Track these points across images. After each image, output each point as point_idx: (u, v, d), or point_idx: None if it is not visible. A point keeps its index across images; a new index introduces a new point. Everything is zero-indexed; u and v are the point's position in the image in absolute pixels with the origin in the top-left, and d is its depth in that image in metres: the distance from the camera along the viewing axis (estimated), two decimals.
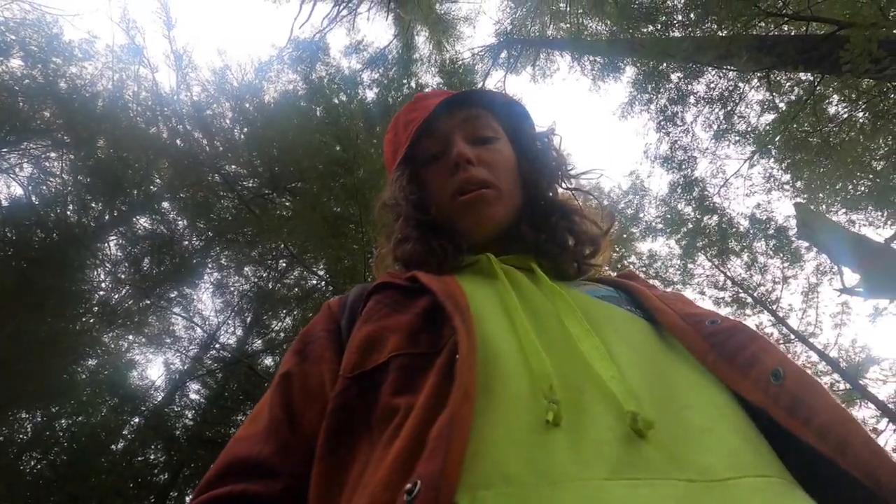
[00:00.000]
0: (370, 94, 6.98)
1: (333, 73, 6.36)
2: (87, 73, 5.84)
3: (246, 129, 5.68)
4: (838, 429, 0.36)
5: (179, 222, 6.18)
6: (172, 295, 6.20)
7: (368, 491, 0.35)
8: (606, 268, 0.78)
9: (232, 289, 6.82)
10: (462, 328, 0.43)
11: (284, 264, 6.62)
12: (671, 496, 0.33)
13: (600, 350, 0.44)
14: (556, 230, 0.68)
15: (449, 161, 0.68)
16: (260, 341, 6.99)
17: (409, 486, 0.32)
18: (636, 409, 0.37)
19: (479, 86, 8.59)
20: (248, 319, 7.21)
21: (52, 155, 5.64)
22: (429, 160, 0.71)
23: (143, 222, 6.18)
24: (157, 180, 6.13)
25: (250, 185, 6.32)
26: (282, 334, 6.69)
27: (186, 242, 6.34)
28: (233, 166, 6.18)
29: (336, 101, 5.73)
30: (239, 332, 7.21)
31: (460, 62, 8.32)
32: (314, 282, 6.20)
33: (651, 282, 0.72)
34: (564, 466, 0.34)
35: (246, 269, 6.78)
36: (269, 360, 6.62)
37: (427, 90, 6.61)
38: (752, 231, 6.69)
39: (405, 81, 7.49)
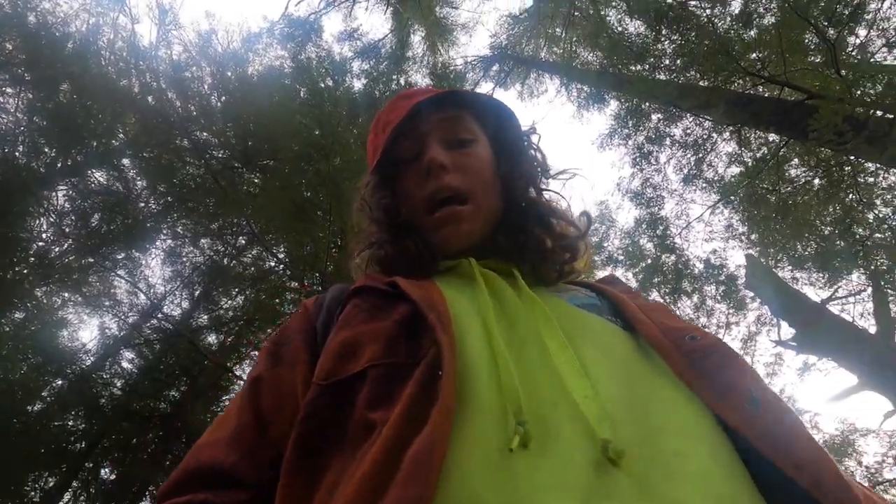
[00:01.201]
0: (357, 84, 6.89)
1: (323, 56, 6.25)
2: (61, 11, 5.51)
3: (224, 98, 5.49)
4: (812, 467, 0.36)
5: (138, 182, 5.89)
6: (119, 257, 5.89)
7: None
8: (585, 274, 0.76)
9: (184, 259, 6.54)
10: (445, 342, 0.41)
11: (244, 241, 6.41)
12: None
13: (575, 366, 0.42)
14: (533, 235, 0.66)
15: (422, 166, 0.66)
16: (206, 317, 6.72)
17: None
18: (609, 435, 0.35)
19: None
20: (197, 293, 6.92)
21: (9, 91, 5.28)
22: (405, 161, 0.70)
23: (98, 176, 5.85)
24: (121, 135, 5.82)
25: (220, 155, 6.09)
26: (230, 312, 6.47)
27: (143, 205, 6.05)
28: (204, 134, 5.94)
29: (322, 85, 5.62)
30: (185, 304, 6.92)
31: (452, 68, 8.35)
32: (272, 264, 6.03)
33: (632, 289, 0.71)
34: (534, 494, 0.32)
35: (203, 240, 6.52)
36: (212, 338, 6.38)
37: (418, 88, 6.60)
38: (704, 275, 6.98)
39: (395, 77, 7.44)
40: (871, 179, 4.96)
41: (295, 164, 3.86)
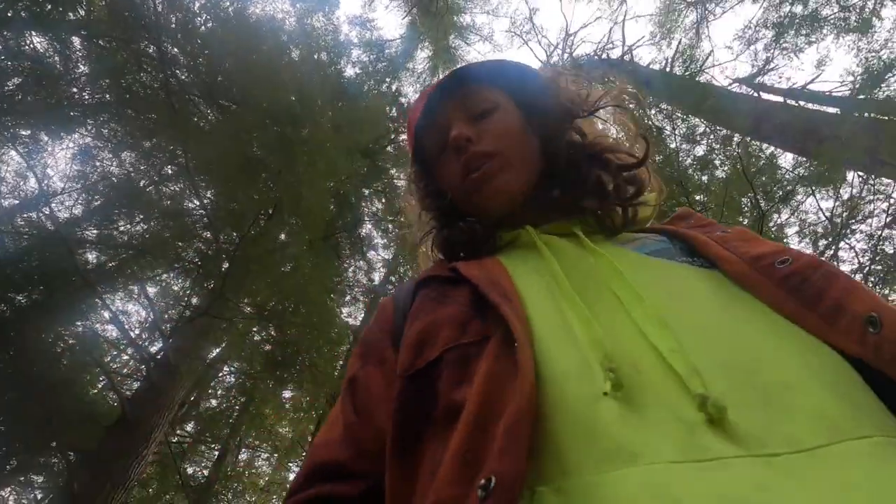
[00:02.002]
0: (350, 71, 6.82)
1: (329, 30, 6.14)
2: None
3: (211, 24, 5.17)
4: None
5: (81, 67, 5.32)
6: (23, 133, 5.22)
7: (437, 486, 0.35)
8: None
9: (98, 164, 5.92)
10: (511, 314, 0.42)
11: (170, 172, 5.94)
12: (749, 478, 0.29)
13: (654, 319, 0.40)
14: (589, 179, 0.63)
15: (450, 149, 0.67)
16: (95, 233, 6.06)
17: (482, 481, 0.31)
18: (703, 389, 0.33)
19: None
20: (96, 204, 6.25)
21: None
22: (437, 153, 0.71)
23: (37, 41, 5.22)
24: (82, 11, 5.27)
25: (183, 77, 5.68)
26: (125, 237, 5.88)
27: (75, 91, 5.45)
28: (175, 49, 5.54)
29: (316, 57, 5.49)
30: (77, 211, 6.21)
31: None
32: (192, 205, 5.62)
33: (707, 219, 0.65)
34: (625, 449, 0.31)
35: (126, 153, 5.96)
36: (93, 256, 5.74)
37: (406, 100, 6.53)
38: None
39: (388, 80, 7.45)
40: None
41: (259, 119, 3.69)
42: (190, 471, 6.21)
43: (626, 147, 0.68)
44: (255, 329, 5.48)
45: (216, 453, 6.61)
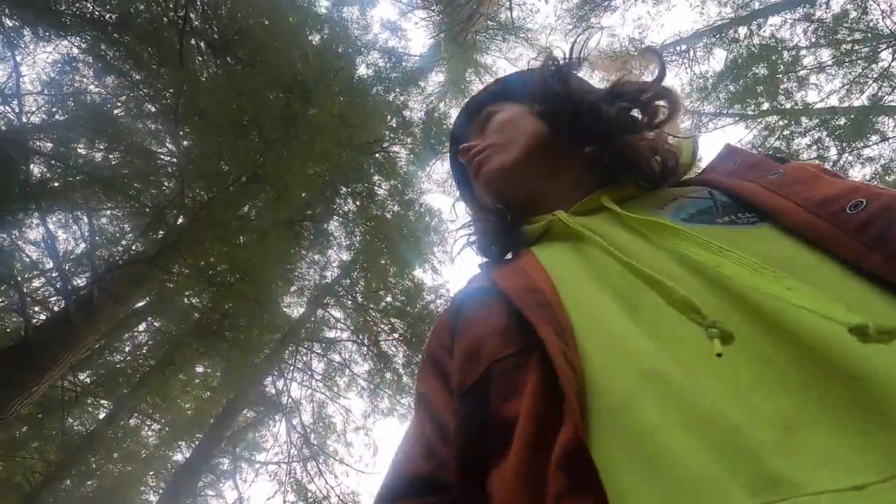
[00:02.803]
0: (363, 70, 6.84)
1: (356, 27, 6.17)
2: None
3: None
4: None
5: None
6: (7, 23, 4.87)
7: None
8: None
9: (77, 80, 5.56)
10: (550, 334, 0.38)
11: (153, 109, 5.66)
12: None
13: (755, 266, 0.34)
14: (609, 116, 0.59)
15: (465, 163, 0.74)
16: (49, 147, 5.63)
17: None
18: (849, 318, 0.27)
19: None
20: (57, 116, 5.84)
21: None
22: (465, 180, 0.80)
23: None
24: None
25: (195, 23, 5.51)
26: (80, 161, 5.48)
27: (75, 5, 5.16)
28: None
29: (335, 47, 5.49)
30: (35, 119, 5.77)
31: (444, 125, 8.67)
32: (162, 150, 5.35)
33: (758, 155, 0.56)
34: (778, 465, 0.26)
35: (111, 77, 5.65)
36: (38, 170, 5.31)
37: (409, 114, 6.54)
38: None
39: (396, 90, 7.52)
40: None
41: (267, 83, 3.61)
42: (69, 422, 5.68)
43: (635, 76, 0.64)
44: (189, 292, 5.20)
45: (104, 411, 6.10)
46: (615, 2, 8.37)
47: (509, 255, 0.67)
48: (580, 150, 0.63)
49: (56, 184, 5.47)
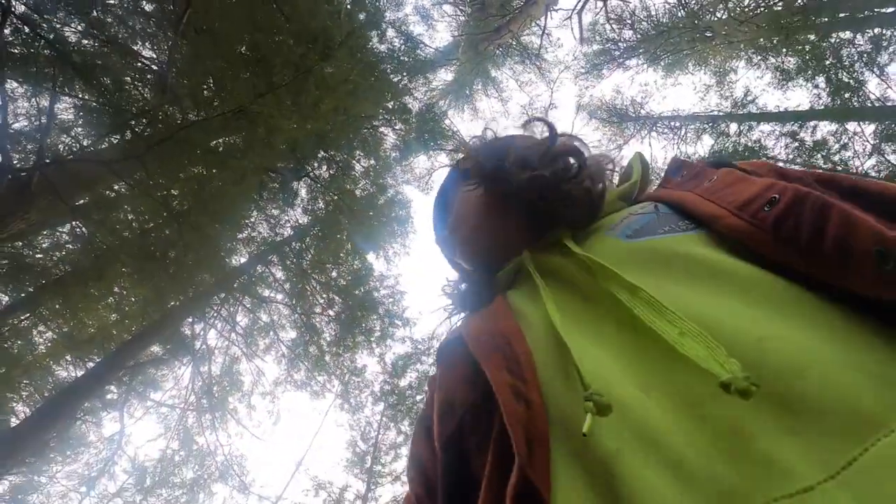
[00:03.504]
0: (380, 46, 6.72)
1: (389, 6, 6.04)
2: None
3: None
4: None
5: None
6: None
7: None
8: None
9: None
10: (496, 371, 0.41)
11: (150, 8, 5.26)
12: None
13: (655, 306, 0.37)
14: (558, 196, 0.60)
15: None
16: (22, 10, 5.09)
17: None
18: (724, 371, 0.29)
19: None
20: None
21: None
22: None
23: None
24: None
25: None
26: (59, 29, 4.99)
27: None
28: None
29: (361, 12, 5.36)
30: None
31: (439, 122, 8.65)
32: (148, 53, 4.98)
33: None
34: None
35: None
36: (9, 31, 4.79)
37: (409, 100, 6.43)
38: None
39: (402, 75, 7.44)
40: None
41: (290, 26, 3.45)
42: None
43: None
44: (132, 208, 4.86)
45: None
46: (629, 62, 8.73)
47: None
48: (519, 200, 0.64)
49: (17, 50, 4.98)
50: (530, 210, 0.63)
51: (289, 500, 9.85)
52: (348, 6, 4.48)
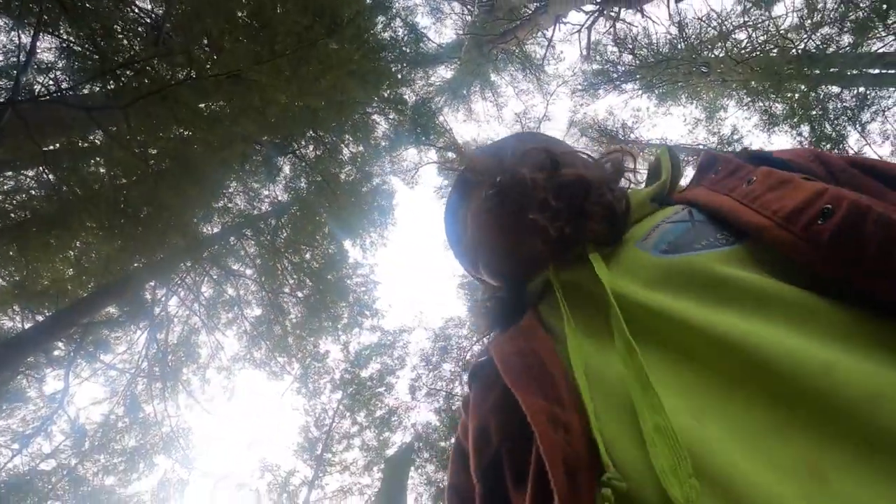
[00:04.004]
0: (384, 33, 6.65)
1: None
2: None
3: None
4: None
5: None
6: None
7: None
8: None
9: None
10: (530, 397, 0.38)
11: None
12: None
13: (640, 377, 0.34)
14: (570, 206, 0.55)
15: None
16: None
17: None
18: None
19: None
20: None
21: None
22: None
23: None
24: None
25: None
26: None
27: None
28: None
29: None
30: None
31: (433, 117, 8.62)
32: (142, 4, 4.78)
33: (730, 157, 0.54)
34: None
35: None
36: None
37: (405, 91, 6.36)
38: None
39: (404, 66, 7.38)
40: None
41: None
42: None
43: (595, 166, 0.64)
44: (103, 158, 4.66)
45: None
46: (625, 86, 8.88)
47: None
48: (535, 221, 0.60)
49: None
50: (553, 227, 0.57)
51: (232, 479, 9.63)
52: None
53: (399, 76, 7.21)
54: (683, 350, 0.36)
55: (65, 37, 4.18)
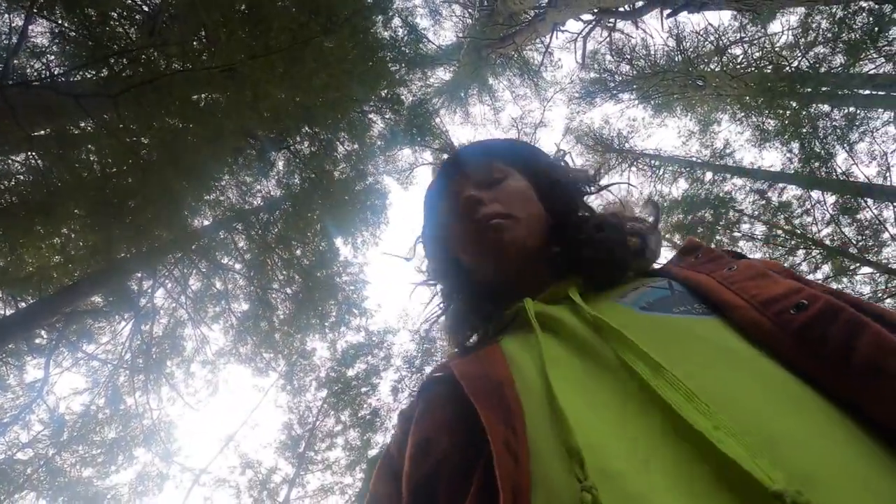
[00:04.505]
0: (384, 32, 6.65)
1: None
2: None
3: None
4: None
5: None
6: None
7: None
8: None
9: None
10: (493, 421, 0.38)
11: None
12: None
13: (683, 391, 0.34)
14: (591, 239, 0.62)
15: (461, 209, 0.67)
16: None
17: None
18: (781, 484, 0.27)
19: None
20: None
21: None
22: (449, 222, 0.72)
23: None
24: None
25: None
26: None
27: None
28: None
29: None
30: None
31: (429, 119, 8.63)
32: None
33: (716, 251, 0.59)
34: None
35: None
36: None
37: (401, 91, 6.37)
38: None
39: (402, 66, 7.38)
40: None
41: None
42: None
43: (633, 214, 0.69)
44: (93, 146, 4.61)
45: None
46: (622, 95, 8.94)
47: (474, 339, 0.67)
48: (551, 243, 0.66)
49: None
50: (550, 254, 0.64)
51: (213, 474, 9.55)
52: None
53: (397, 76, 7.21)
54: (642, 392, 0.38)
55: (59, 21, 4.14)
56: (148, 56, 3.55)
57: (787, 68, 5.92)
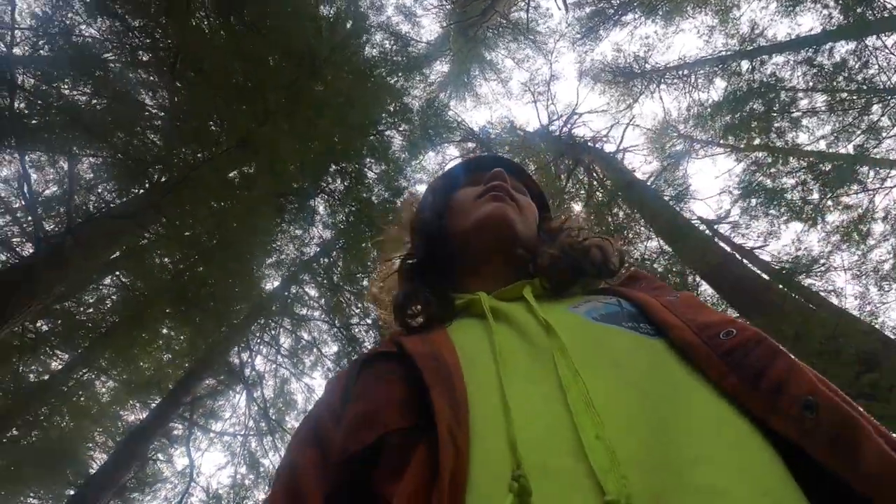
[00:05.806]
0: (368, 50, 6.72)
1: (367, 5, 6.04)
2: None
3: None
4: (890, 481, 0.30)
5: None
6: None
7: None
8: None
9: (69, 18, 5.28)
10: (443, 404, 0.39)
11: (144, 59, 5.43)
12: None
13: (585, 399, 0.38)
14: (555, 243, 0.71)
15: (485, 178, 0.75)
16: (32, 84, 5.35)
17: None
18: (616, 491, 0.31)
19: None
20: (45, 53, 5.55)
21: None
22: (465, 183, 0.81)
23: None
24: None
25: None
26: (61, 102, 5.22)
27: None
28: None
29: (345, 22, 5.37)
30: (18, 51, 5.46)
31: (442, 116, 8.60)
32: (151, 103, 5.15)
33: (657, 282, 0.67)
34: None
35: (104, 20, 5.38)
36: (17, 105, 5.03)
37: (408, 98, 6.37)
38: None
39: (399, 75, 7.42)
40: None
41: (274, 50, 3.50)
42: (21, 370, 5.48)
43: (588, 233, 0.77)
44: (161, 252, 5.06)
45: (59, 363, 5.91)
46: (625, 18, 8.44)
47: (419, 320, 0.68)
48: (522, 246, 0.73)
49: (34, 121, 5.22)
50: (514, 259, 0.71)
51: None
52: (330, 20, 4.49)
53: (397, 87, 7.26)
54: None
55: (96, 154, 4.57)
56: (177, 156, 3.84)
57: None
